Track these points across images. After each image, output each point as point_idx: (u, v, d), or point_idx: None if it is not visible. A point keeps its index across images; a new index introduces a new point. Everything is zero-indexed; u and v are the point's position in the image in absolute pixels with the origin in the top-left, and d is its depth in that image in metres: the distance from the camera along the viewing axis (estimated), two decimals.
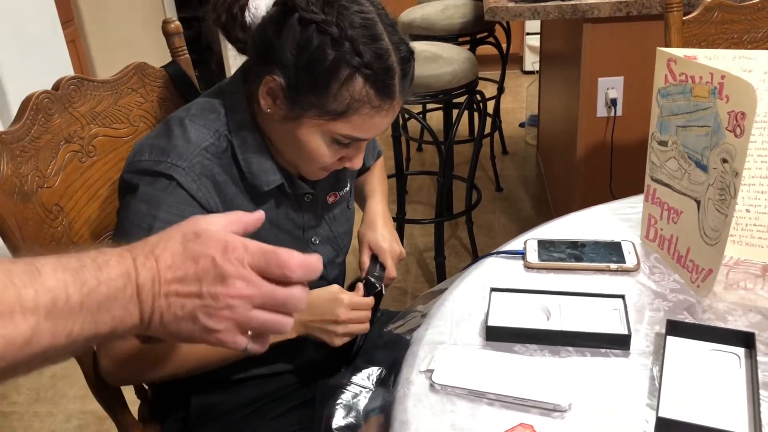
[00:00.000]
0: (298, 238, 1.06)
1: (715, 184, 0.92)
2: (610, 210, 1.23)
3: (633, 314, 0.94)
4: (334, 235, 1.12)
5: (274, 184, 0.98)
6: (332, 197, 1.09)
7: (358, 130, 0.92)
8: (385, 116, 0.92)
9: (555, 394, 0.80)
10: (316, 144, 0.93)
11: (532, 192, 2.99)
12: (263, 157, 0.97)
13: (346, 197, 1.12)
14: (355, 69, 0.87)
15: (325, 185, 1.08)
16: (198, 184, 0.92)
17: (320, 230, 1.09)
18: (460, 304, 1.00)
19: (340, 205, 1.11)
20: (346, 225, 1.14)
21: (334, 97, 0.88)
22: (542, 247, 1.10)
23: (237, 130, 0.96)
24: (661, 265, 1.05)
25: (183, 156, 0.91)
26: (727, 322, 0.92)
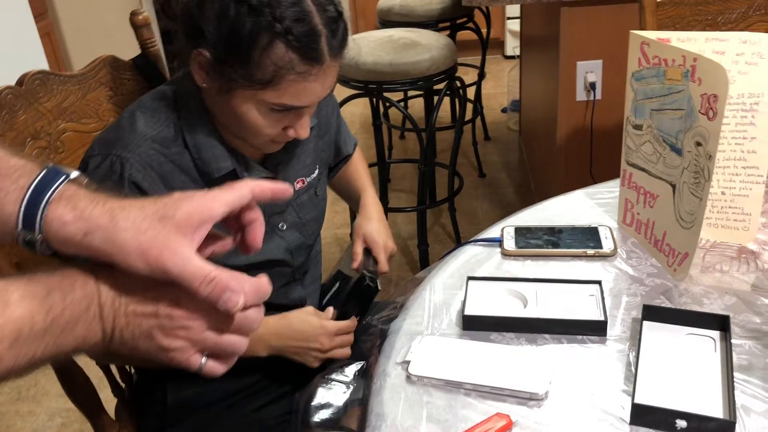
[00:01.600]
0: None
1: (689, 167, 0.92)
2: (588, 195, 1.22)
3: (610, 300, 0.94)
4: (302, 221, 1.11)
5: (225, 170, 0.96)
6: (299, 183, 1.08)
7: (290, 98, 0.89)
8: (316, 81, 0.89)
9: (531, 382, 0.80)
10: (253, 115, 0.91)
11: (514, 177, 2.99)
12: (214, 143, 0.96)
13: (313, 183, 1.11)
14: (274, 35, 0.84)
15: (291, 171, 1.07)
16: (143, 174, 0.90)
17: (287, 216, 1.07)
18: (438, 294, 0.99)
19: (307, 192, 1.10)
20: (315, 211, 1.12)
21: (257, 65, 0.86)
22: (519, 234, 1.09)
23: (187, 115, 0.95)
24: (638, 249, 1.05)
25: (128, 147, 0.91)
26: (703, 305, 0.92)
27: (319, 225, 1.15)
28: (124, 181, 0.89)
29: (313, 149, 1.11)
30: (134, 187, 0.90)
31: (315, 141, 1.11)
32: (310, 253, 1.16)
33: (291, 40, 0.84)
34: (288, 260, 1.08)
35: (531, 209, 1.20)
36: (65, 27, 3.51)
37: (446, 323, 0.93)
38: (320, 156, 1.13)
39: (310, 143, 1.10)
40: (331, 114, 1.17)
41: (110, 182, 0.89)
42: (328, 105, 1.15)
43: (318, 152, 1.12)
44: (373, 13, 2.99)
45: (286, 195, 0.64)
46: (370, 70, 2.05)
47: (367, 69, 2.05)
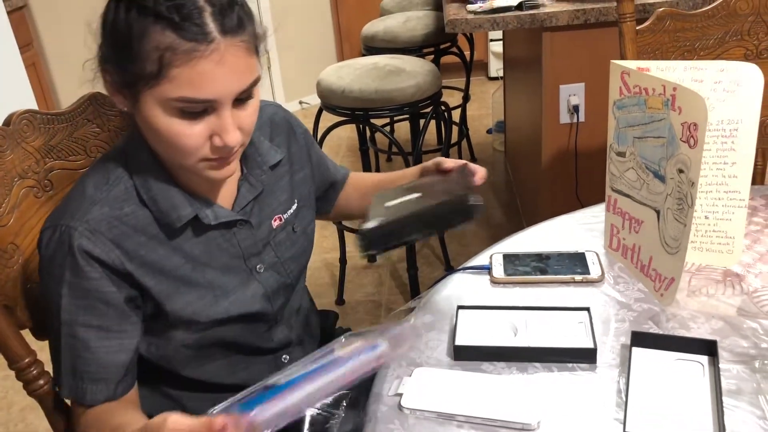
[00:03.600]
0: (238, 268, 0.98)
1: (672, 194, 0.93)
2: (575, 220, 1.24)
3: (599, 326, 0.95)
4: (280, 260, 1.04)
5: (186, 218, 0.91)
6: (276, 221, 1.03)
7: (189, 88, 0.79)
8: (210, 62, 0.78)
9: (523, 412, 0.80)
10: (165, 122, 0.81)
11: (501, 198, 3.01)
12: (170, 191, 0.90)
13: (291, 220, 1.05)
14: (149, 18, 0.78)
15: (266, 210, 1.01)
16: (93, 241, 0.85)
17: (265, 256, 1.01)
18: (428, 324, 0.99)
19: (285, 229, 1.04)
20: (293, 249, 1.06)
21: (142, 56, 0.78)
22: (508, 261, 1.10)
23: (138, 168, 0.90)
24: (625, 274, 1.06)
25: (75, 215, 0.86)
26: (690, 329, 0.93)
27: (300, 264, 1.08)
28: (74, 251, 0.85)
29: (288, 184, 1.06)
30: (86, 256, 0.85)
31: (288, 176, 1.06)
32: (292, 293, 1.09)
33: (167, 18, 0.77)
34: (265, 309, 1.02)
35: (518, 235, 1.21)
36: (51, 58, 3.51)
37: (437, 354, 0.93)
38: (297, 191, 1.07)
39: (283, 179, 1.05)
40: (303, 147, 1.11)
41: (61, 253, 0.85)
42: (299, 140, 1.10)
43: (294, 187, 1.07)
44: (357, 39, 3.02)
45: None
46: (357, 98, 2.06)
47: (354, 96, 2.07)
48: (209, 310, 0.94)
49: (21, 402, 2.09)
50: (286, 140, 1.07)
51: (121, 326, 0.90)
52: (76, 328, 0.88)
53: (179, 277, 0.92)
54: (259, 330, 1.03)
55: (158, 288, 0.91)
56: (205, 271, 0.95)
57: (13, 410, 2.06)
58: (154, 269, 0.90)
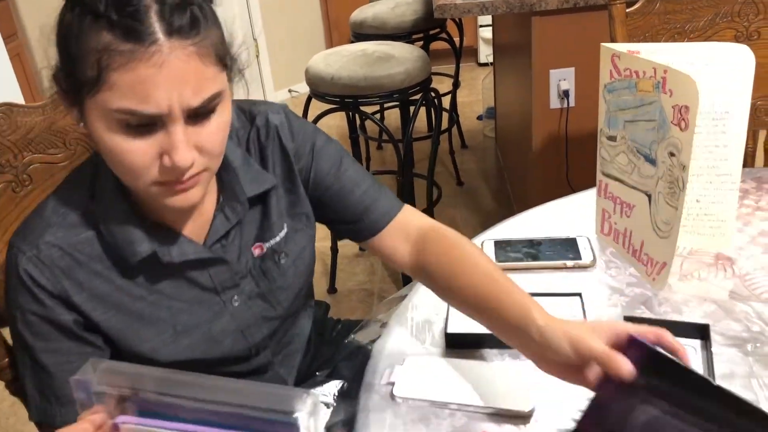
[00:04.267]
0: (209, 302, 0.88)
1: (664, 177, 0.92)
2: (566, 205, 1.23)
3: (591, 311, 0.94)
4: (262, 291, 0.92)
5: (142, 255, 0.80)
6: (258, 249, 0.90)
7: (130, 97, 0.68)
8: (152, 66, 0.67)
9: (516, 400, 0.80)
10: (109, 138, 0.71)
11: (492, 185, 3.01)
12: (129, 220, 0.80)
13: (278, 248, 0.91)
14: (86, 16, 0.69)
15: (248, 237, 0.89)
16: (39, 270, 0.78)
17: (244, 288, 0.90)
18: (420, 312, 0.99)
19: (270, 258, 0.91)
20: (281, 279, 0.92)
21: (80, 57, 0.69)
22: (499, 248, 1.09)
23: (102, 192, 0.81)
24: (617, 259, 1.06)
25: (27, 238, 0.80)
26: (683, 313, 0.92)
27: (292, 293, 0.95)
28: (21, 276, 0.79)
29: (276, 207, 0.91)
30: (32, 282, 0.79)
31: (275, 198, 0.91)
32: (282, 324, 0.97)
33: (106, 16, 0.67)
34: (236, 346, 0.91)
35: (509, 221, 1.20)
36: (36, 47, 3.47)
37: (429, 342, 0.93)
38: (288, 213, 0.92)
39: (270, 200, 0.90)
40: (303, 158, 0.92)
41: (12, 276, 0.80)
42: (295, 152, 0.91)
43: (283, 210, 0.92)
44: (346, 27, 3.00)
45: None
46: (346, 85, 2.05)
47: (343, 83, 2.05)
48: (168, 348, 0.85)
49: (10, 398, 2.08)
50: (279, 156, 0.91)
51: (81, 349, 0.82)
52: (36, 353, 0.81)
53: (134, 312, 0.83)
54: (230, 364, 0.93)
55: (109, 323, 0.82)
56: (168, 306, 0.85)
57: (4, 405, 2.05)
58: (106, 303, 0.82)
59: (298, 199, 0.93)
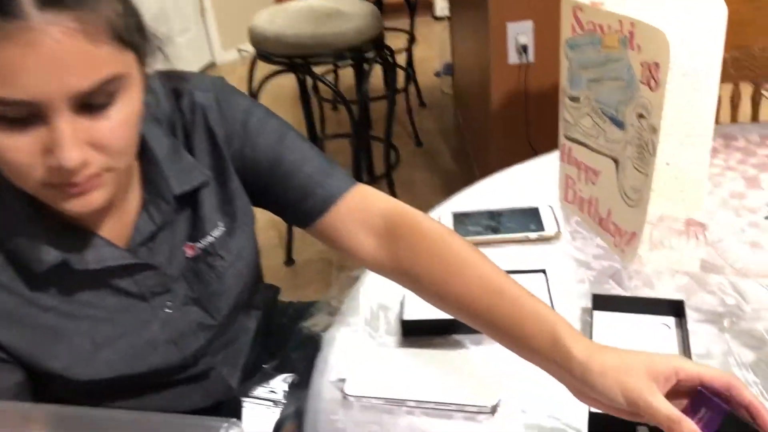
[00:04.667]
0: (135, 309, 0.77)
1: (632, 141, 0.85)
2: (527, 170, 1.16)
3: (556, 288, 0.87)
4: (197, 296, 0.80)
5: (49, 264, 0.69)
6: (190, 250, 0.79)
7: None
8: (21, 45, 0.55)
9: (479, 394, 0.73)
10: None
11: (452, 144, 2.92)
12: (31, 227, 0.69)
13: (212, 248, 0.79)
14: None
15: (180, 235, 0.78)
16: None
17: (177, 293, 0.79)
18: (374, 297, 0.91)
19: (204, 260, 0.79)
20: (218, 285, 0.81)
21: None
22: (457, 221, 1.01)
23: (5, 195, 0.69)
24: (583, 229, 0.99)
25: None
26: (654, 287, 0.86)
27: (231, 299, 0.83)
28: None
29: (209, 202, 0.79)
30: None
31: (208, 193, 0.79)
32: (224, 333, 0.86)
33: None
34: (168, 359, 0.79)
35: (468, 190, 1.13)
36: None
37: (384, 329, 0.85)
38: (224, 209, 0.80)
39: (202, 195, 0.78)
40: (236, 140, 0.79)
41: None
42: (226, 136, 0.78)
43: (218, 205, 0.80)
44: None
45: None
46: (291, 43, 1.92)
47: (288, 42, 1.92)
48: (85, 365, 0.74)
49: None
50: (207, 144, 0.78)
51: None
52: None
53: (44, 326, 0.72)
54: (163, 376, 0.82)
55: (14, 341, 0.71)
56: (86, 316, 0.74)
57: None
58: (11, 318, 0.70)
59: (233, 192, 0.81)
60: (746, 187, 1.03)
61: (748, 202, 1.00)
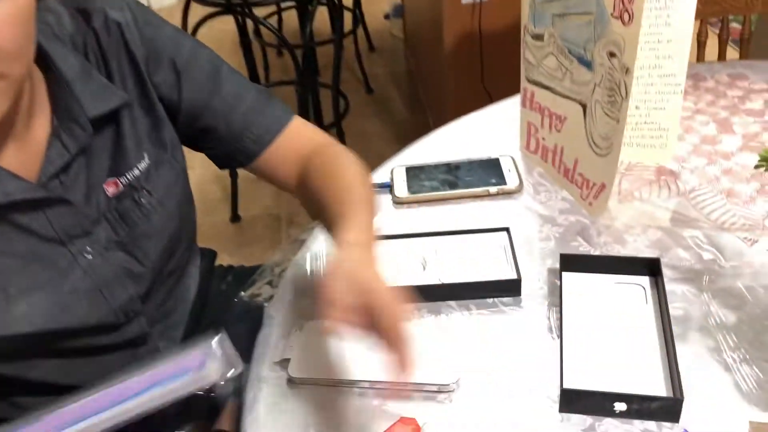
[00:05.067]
0: (52, 256, 0.68)
1: (602, 83, 0.77)
2: (486, 118, 1.07)
3: (520, 248, 0.80)
4: (122, 240, 0.72)
5: None
6: (112, 186, 0.71)
7: None
8: None
9: (439, 371, 0.65)
10: None
11: (404, 90, 2.81)
12: None
13: (138, 184, 0.72)
14: None
15: (98, 171, 0.70)
16: None
17: (99, 235, 0.71)
18: (321, 263, 0.82)
19: (129, 197, 0.72)
20: (146, 225, 0.73)
21: None
22: (412, 176, 0.92)
23: None
24: (547, 181, 0.91)
25: None
26: (626, 244, 0.79)
27: (162, 241, 0.75)
28: None
29: (131, 131, 0.72)
30: None
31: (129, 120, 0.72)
32: (155, 282, 0.77)
33: None
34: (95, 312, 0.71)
35: (423, 141, 1.03)
36: None
37: None
38: (148, 140, 0.73)
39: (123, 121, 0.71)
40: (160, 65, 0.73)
41: None
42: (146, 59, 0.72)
43: (140, 135, 0.73)
44: None
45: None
46: None
47: None
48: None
49: None
50: (128, 66, 0.71)
51: None
52: None
53: None
54: (93, 334, 0.74)
55: None
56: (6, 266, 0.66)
57: None
58: None
59: (159, 121, 0.74)
60: (718, 131, 0.96)
61: (721, 147, 0.93)
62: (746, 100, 1.02)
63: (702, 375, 0.63)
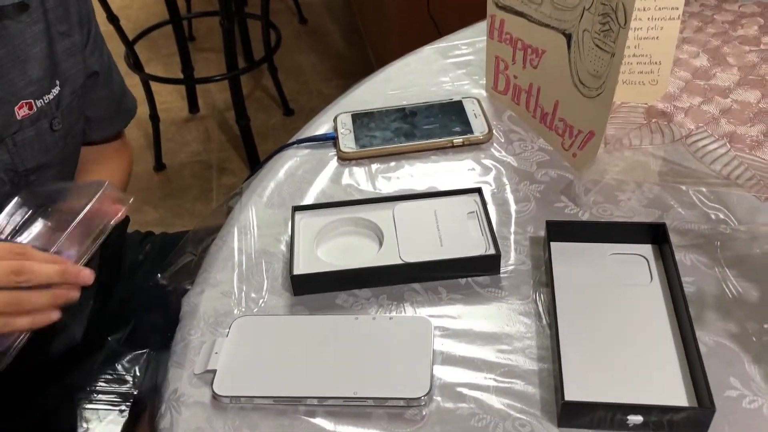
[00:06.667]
0: None
1: (593, 7, 0.62)
2: (440, 52, 0.91)
3: (495, 212, 0.66)
4: (17, 171, 0.68)
5: None
6: (22, 108, 0.66)
7: None
8: None
9: (405, 381, 0.52)
10: None
11: (340, 20, 2.60)
12: None
13: (49, 112, 0.68)
14: None
15: (8, 86, 0.65)
16: None
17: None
18: (251, 239, 0.66)
19: (36, 124, 0.68)
20: (45, 156, 0.70)
21: None
22: (360, 125, 0.77)
23: None
24: (520, 127, 0.77)
25: None
26: (618, 204, 0.66)
27: (63, 178, 0.74)
28: None
29: (44, 56, 0.68)
30: None
31: (45, 40, 0.68)
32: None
33: None
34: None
35: (369, 81, 0.87)
36: None
37: (268, 288, 0.61)
38: (61, 67, 0.70)
39: (36, 43, 0.67)
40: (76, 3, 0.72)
41: None
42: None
43: (55, 60, 0.69)
44: None
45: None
46: None
47: None
48: None
49: None
50: None
51: None
52: None
53: None
54: None
55: None
56: None
57: None
58: None
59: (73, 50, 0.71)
60: (711, 64, 0.83)
61: (716, 82, 0.80)
62: (737, 25, 0.89)
63: (725, 369, 0.52)
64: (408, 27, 1.72)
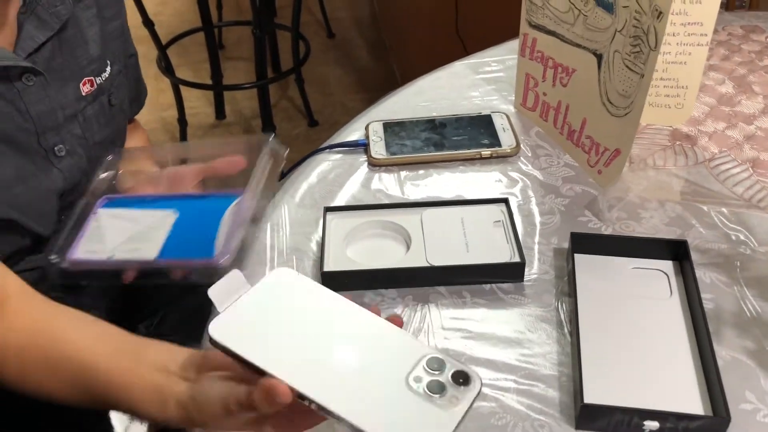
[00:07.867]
0: (27, 149, 0.65)
1: (626, 29, 0.64)
2: (471, 68, 0.93)
3: (520, 222, 0.68)
4: (88, 143, 0.72)
5: None
6: (86, 85, 0.70)
7: None
8: None
9: None
10: None
11: (367, 35, 2.64)
12: None
13: (107, 88, 0.73)
14: None
15: (74, 65, 0.69)
16: None
17: (68, 134, 0.69)
18: (283, 236, 0.68)
19: (98, 99, 0.72)
20: (106, 130, 0.74)
21: None
22: (390, 133, 0.79)
23: None
24: (547, 143, 0.79)
25: None
26: (641, 221, 0.68)
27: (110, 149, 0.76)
28: None
29: (99, 37, 0.72)
30: None
31: (98, 23, 0.72)
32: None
33: None
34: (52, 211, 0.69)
35: (400, 93, 0.90)
36: None
37: None
38: (110, 48, 0.74)
39: (93, 25, 0.71)
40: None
41: None
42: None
43: (105, 41, 0.73)
44: None
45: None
46: None
47: None
48: None
49: None
50: None
51: None
52: None
53: None
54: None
55: None
56: None
57: None
58: None
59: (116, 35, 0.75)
60: (736, 91, 0.85)
61: (741, 109, 0.82)
62: (763, 56, 0.91)
63: (741, 383, 0.53)
64: (435, 45, 1.75)
